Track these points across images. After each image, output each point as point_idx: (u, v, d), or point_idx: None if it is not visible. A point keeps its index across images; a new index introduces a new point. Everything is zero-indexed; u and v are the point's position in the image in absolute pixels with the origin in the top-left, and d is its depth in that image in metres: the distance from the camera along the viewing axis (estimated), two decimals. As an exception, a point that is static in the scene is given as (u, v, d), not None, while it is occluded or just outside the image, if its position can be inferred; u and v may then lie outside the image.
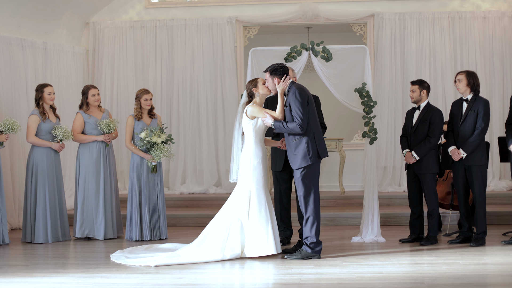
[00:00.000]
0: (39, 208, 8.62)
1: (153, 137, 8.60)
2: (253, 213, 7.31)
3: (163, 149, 8.63)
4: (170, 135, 8.81)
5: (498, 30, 11.58)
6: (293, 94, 7.13)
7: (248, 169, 7.38)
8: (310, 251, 7.18)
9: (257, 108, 7.31)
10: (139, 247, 8.07)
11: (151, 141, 8.60)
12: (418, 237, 8.20)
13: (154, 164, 8.74)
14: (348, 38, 13.08)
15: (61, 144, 8.75)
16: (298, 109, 7.05)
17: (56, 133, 8.66)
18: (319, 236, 7.27)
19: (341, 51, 8.34)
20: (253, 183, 7.36)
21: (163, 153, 8.63)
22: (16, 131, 8.45)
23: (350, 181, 11.90)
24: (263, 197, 7.33)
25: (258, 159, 7.38)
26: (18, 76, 10.26)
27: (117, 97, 11.95)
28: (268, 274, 6.58)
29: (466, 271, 6.45)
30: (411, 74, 11.50)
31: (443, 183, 8.98)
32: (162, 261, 7.09)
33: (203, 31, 11.93)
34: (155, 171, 8.79)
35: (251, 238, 7.29)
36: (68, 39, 11.65)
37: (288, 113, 7.16)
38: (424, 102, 8.17)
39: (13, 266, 7.23)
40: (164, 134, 8.71)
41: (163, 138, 8.66)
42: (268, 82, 7.29)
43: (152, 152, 8.63)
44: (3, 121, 8.42)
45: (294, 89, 7.17)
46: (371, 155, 8.40)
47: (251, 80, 7.51)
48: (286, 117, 7.20)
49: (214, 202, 10.90)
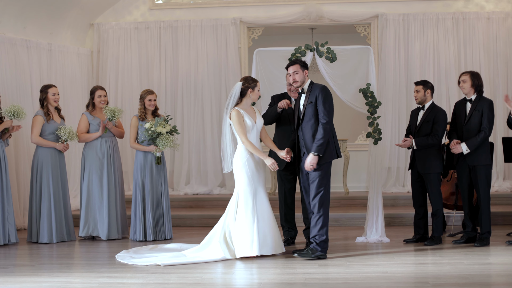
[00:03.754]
0: (44, 208, 8.65)
1: (158, 127, 8.62)
2: (239, 213, 7.36)
3: (168, 139, 8.64)
4: (175, 126, 8.81)
5: (502, 30, 11.58)
6: (324, 91, 7.22)
7: (236, 169, 7.45)
8: (320, 249, 7.20)
9: (238, 126, 7.30)
10: (144, 247, 8.09)
11: (156, 131, 8.61)
12: (423, 237, 8.20)
13: (159, 155, 8.75)
14: (352, 39, 13.09)
15: (65, 145, 8.77)
16: (331, 108, 7.18)
17: (61, 134, 8.69)
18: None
19: (346, 52, 8.35)
20: (241, 184, 7.41)
21: (168, 143, 8.63)
22: (22, 117, 8.47)
23: (355, 182, 11.90)
24: (249, 197, 7.33)
25: (244, 160, 7.38)
26: (23, 77, 10.28)
27: (122, 98, 11.97)
28: (274, 273, 6.59)
29: (470, 271, 6.45)
30: (415, 74, 11.50)
31: (447, 184, 8.98)
32: (168, 261, 7.11)
33: (207, 32, 11.95)
34: (160, 162, 8.80)
35: (235, 239, 7.35)
36: (72, 40, 11.68)
37: (312, 109, 7.19)
38: (428, 102, 8.18)
39: (18, 266, 7.26)
40: (169, 125, 8.73)
41: (167, 129, 8.68)
42: (297, 74, 7.28)
43: (157, 141, 8.64)
44: (8, 107, 8.47)
45: (322, 86, 7.27)
46: (375, 155, 8.40)
47: (252, 79, 7.49)
48: (307, 113, 7.19)
49: (219, 203, 10.92)
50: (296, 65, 7.34)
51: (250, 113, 7.45)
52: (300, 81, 7.31)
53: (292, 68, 7.36)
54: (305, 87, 7.35)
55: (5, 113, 8.43)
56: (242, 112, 7.36)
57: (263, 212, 7.37)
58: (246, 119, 7.35)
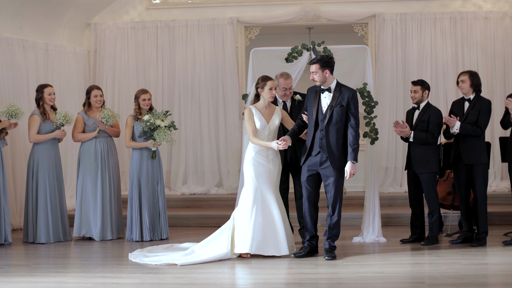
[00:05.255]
0: (40, 208, 8.63)
1: (157, 120, 8.60)
2: (238, 209, 7.45)
3: (166, 132, 8.62)
4: (173, 122, 8.80)
5: (499, 30, 11.57)
6: (356, 96, 7.25)
7: (244, 165, 7.54)
8: (335, 248, 7.33)
9: (246, 124, 7.38)
10: (159, 246, 8.07)
11: (154, 124, 8.59)
12: (419, 238, 8.19)
13: (154, 150, 8.73)
14: (349, 38, 13.07)
15: (62, 131, 8.73)
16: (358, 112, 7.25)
17: (56, 118, 8.65)
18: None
19: (342, 51, 8.34)
20: (245, 180, 7.46)
21: (166, 136, 8.61)
22: (19, 117, 8.46)
23: (352, 182, 11.84)
24: (250, 195, 7.35)
25: (250, 158, 7.41)
26: (19, 77, 10.26)
27: (119, 98, 11.96)
28: (269, 273, 6.57)
29: (467, 271, 6.44)
30: (412, 74, 11.49)
31: (444, 183, 8.97)
32: (182, 260, 7.11)
33: (204, 32, 11.94)
34: (154, 157, 8.77)
35: (235, 234, 7.42)
36: (69, 40, 11.66)
37: (341, 113, 7.17)
38: (424, 102, 8.17)
39: (14, 266, 7.25)
40: (167, 119, 8.72)
41: (166, 123, 8.66)
42: (316, 75, 7.17)
43: (155, 134, 8.62)
44: (5, 107, 8.45)
45: (354, 91, 7.30)
46: (372, 155, 8.39)
47: (263, 78, 7.40)
48: (336, 116, 7.14)
49: (216, 203, 10.92)
50: (315, 64, 7.18)
51: (265, 113, 7.42)
52: (319, 81, 7.22)
53: (312, 67, 7.22)
54: (332, 86, 7.25)
55: (2, 113, 8.41)
56: (254, 111, 7.37)
57: (267, 212, 7.33)
58: (256, 119, 7.35)
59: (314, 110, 7.27)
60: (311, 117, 7.28)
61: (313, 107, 7.28)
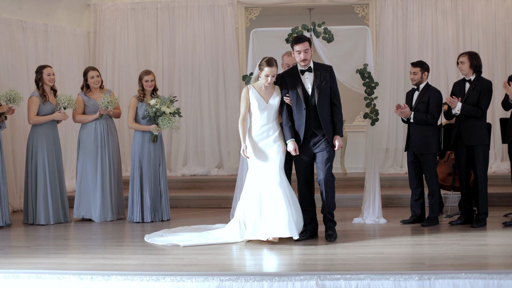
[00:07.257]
0: (40, 190, 8.63)
1: (163, 106, 8.57)
2: (244, 194, 7.35)
3: (171, 120, 8.60)
4: (179, 109, 8.77)
5: (501, 11, 11.52)
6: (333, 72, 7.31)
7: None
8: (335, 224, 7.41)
9: (241, 102, 7.27)
10: (188, 227, 8.07)
11: (160, 110, 8.56)
12: (420, 218, 8.19)
13: (156, 134, 8.71)
14: (350, 19, 12.98)
15: (63, 114, 8.72)
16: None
17: (61, 100, 8.63)
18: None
19: (343, 32, 8.29)
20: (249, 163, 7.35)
21: (170, 124, 8.59)
22: (18, 102, 8.45)
23: (352, 163, 11.87)
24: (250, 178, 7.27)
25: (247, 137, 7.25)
26: (18, 58, 10.23)
27: (119, 79, 11.94)
28: (269, 254, 6.58)
29: (467, 251, 6.44)
30: (413, 55, 11.45)
31: (444, 164, 8.96)
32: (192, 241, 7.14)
33: (204, 13, 11.89)
34: (155, 141, 8.76)
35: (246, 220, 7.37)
36: (69, 21, 11.61)
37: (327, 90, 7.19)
38: (424, 83, 8.14)
39: (14, 248, 7.26)
40: (173, 106, 8.69)
41: (171, 110, 8.64)
42: (308, 53, 7.07)
43: (159, 121, 8.60)
44: (5, 91, 8.43)
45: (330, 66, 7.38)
46: (372, 136, 8.37)
47: (266, 61, 7.10)
48: (324, 93, 7.12)
49: (216, 184, 10.92)
50: (306, 42, 7.10)
51: (264, 92, 7.21)
52: (309, 60, 7.17)
53: (303, 45, 7.09)
54: (311, 66, 7.19)
55: (1, 98, 8.38)
56: (251, 90, 7.21)
57: (273, 195, 7.11)
58: (254, 99, 7.19)
59: (300, 92, 7.15)
60: (299, 100, 7.15)
61: (298, 89, 7.16)
